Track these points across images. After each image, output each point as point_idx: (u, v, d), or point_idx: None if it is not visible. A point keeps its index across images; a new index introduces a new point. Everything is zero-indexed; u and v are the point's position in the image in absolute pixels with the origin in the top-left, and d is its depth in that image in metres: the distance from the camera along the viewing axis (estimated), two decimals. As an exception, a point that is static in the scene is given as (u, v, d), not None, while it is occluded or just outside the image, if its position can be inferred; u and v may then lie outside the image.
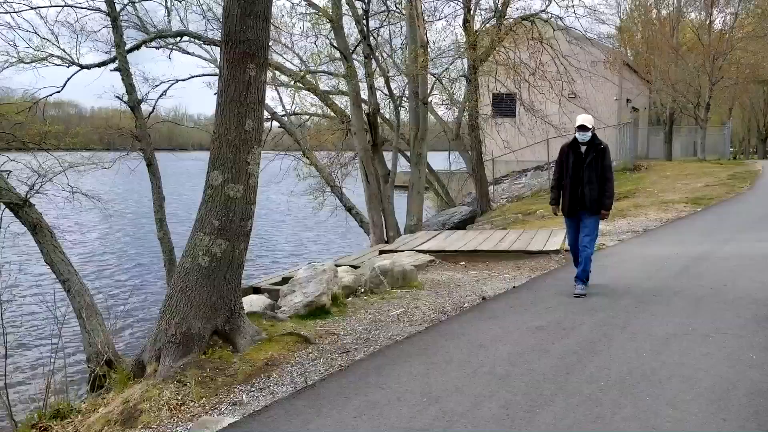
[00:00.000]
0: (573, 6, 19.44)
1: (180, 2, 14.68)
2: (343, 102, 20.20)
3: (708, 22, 31.56)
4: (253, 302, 7.23)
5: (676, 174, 23.21)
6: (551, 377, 4.61)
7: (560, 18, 19.58)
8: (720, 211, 14.89)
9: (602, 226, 13.10)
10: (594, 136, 7.05)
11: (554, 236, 11.13)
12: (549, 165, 25.69)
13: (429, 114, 18.64)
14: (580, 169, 7.00)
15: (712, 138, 33.71)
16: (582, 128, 7.00)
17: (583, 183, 6.98)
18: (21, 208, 8.82)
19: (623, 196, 17.74)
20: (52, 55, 12.92)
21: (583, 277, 7.18)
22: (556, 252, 9.93)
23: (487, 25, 19.21)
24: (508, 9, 19.28)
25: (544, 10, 19.28)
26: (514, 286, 7.93)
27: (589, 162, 6.96)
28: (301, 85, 18.94)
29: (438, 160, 26.19)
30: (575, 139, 7.09)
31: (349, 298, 7.72)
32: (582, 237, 7.12)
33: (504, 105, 23.91)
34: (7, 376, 5.97)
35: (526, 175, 27.01)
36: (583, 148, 7.05)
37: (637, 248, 10.36)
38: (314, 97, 19.99)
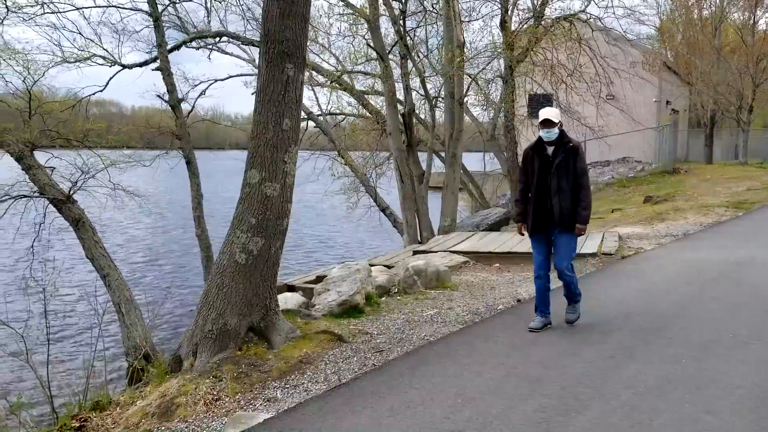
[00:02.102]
0: (612, 6, 19.15)
1: (220, 3, 14.87)
2: (378, 102, 20.23)
3: (752, 22, 30.79)
4: (287, 300, 7.29)
5: (716, 177, 22.70)
6: (587, 381, 4.55)
7: (599, 18, 19.28)
8: (762, 215, 14.52)
9: (641, 229, 12.98)
10: (563, 133, 5.77)
11: (590, 239, 10.98)
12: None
13: (464, 114, 18.55)
14: (547, 175, 5.72)
15: (754, 141, 32.86)
16: (546, 124, 5.69)
17: (552, 192, 5.70)
18: (64, 204, 9.07)
19: (662, 199, 17.44)
20: (95, 55, 13.23)
21: (573, 300, 6.10)
22: (593, 255, 9.79)
23: (525, 26, 19.02)
24: (547, 9, 19.07)
25: (583, 11, 19.00)
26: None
27: (558, 165, 5.68)
28: (337, 85, 19.02)
29: (473, 161, 26.05)
30: (539, 139, 5.81)
31: (383, 298, 7.73)
32: (557, 261, 5.86)
33: (540, 106, 23.65)
34: (49, 367, 6.12)
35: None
36: (549, 150, 5.77)
37: (676, 252, 10.17)
38: (350, 97, 20.07)
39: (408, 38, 17.72)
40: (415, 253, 11.08)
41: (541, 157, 5.77)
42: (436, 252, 10.63)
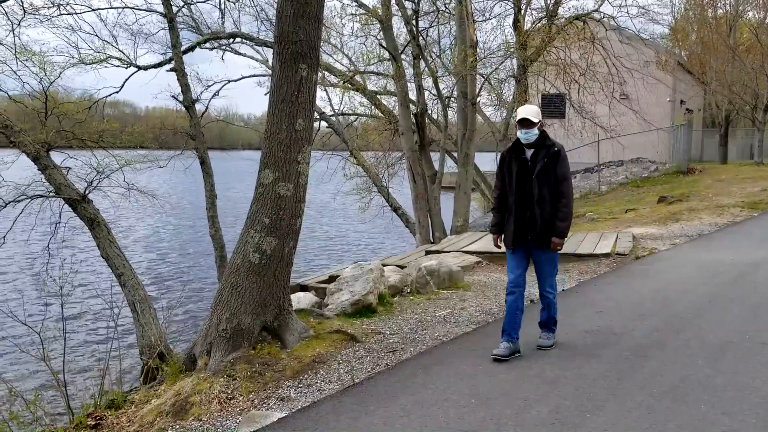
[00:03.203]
0: (626, 6, 19.09)
1: (234, 4, 14.93)
2: (391, 102, 20.24)
3: (767, 21, 30.50)
4: (300, 300, 7.32)
5: (731, 177, 22.50)
6: (602, 382, 4.53)
7: (613, 18, 19.20)
8: (779, 216, 14.37)
9: (655, 230, 12.89)
10: (544, 134, 5.15)
11: (604, 239, 10.93)
12: (598, 167, 25.27)
13: (477, 114, 18.52)
14: (526, 181, 5.08)
15: (770, 141, 32.55)
16: (524, 124, 5.04)
17: (533, 201, 5.06)
18: (79, 203, 9.14)
19: (676, 199, 17.31)
20: (111, 57, 13.34)
21: (549, 324, 5.46)
22: (607, 256, 9.74)
23: (538, 25, 18.96)
24: (560, 9, 19.00)
25: (596, 10, 18.93)
26: (563, 289, 7.80)
27: (540, 171, 5.03)
28: (349, 86, 19.04)
29: (485, 161, 25.99)
30: (517, 141, 5.19)
31: (396, 298, 7.73)
32: (539, 280, 5.38)
33: (553, 106, 23.59)
34: (65, 365, 6.17)
35: (574, 177, 26.58)
36: (528, 153, 5.12)
37: (690, 253, 10.09)
38: (362, 97, 20.08)
39: (420, 38, 17.71)
40: (428, 253, 11.07)
41: (519, 161, 5.13)
42: (449, 252, 10.62)
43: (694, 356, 5.06)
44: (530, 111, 5.10)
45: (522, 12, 19.06)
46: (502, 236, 5.34)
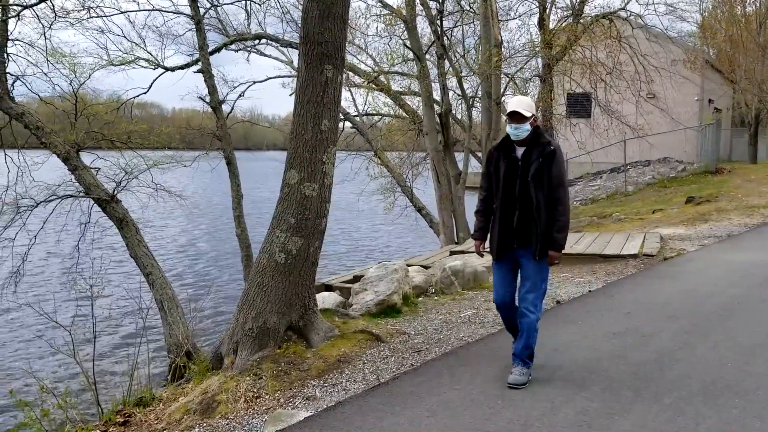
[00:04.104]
0: (653, 3, 18.81)
1: (259, 6, 15.05)
2: (415, 102, 20.22)
3: (799, 18, 29.91)
4: (325, 299, 7.35)
5: (761, 177, 22.09)
6: (630, 384, 4.48)
7: (640, 16, 18.99)
8: (811, 217, 14.08)
9: (683, 230, 12.71)
10: (538, 131, 4.51)
11: (631, 240, 10.81)
12: (625, 167, 24.98)
13: (502, 114, 18.42)
14: (515, 184, 4.46)
15: (801, 140, 31.96)
16: (515, 117, 4.41)
17: (522, 206, 4.45)
18: (108, 203, 9.28)
19: (705, 199, 17.04)
20: (139, 58, 13.55)
21: (523, 355, 4.60)
22: (634, 256, 9.63)
23: (564, 24, 18.81)
24: (586, 7, 18.84)
25: (623, 8, 18.74)
26: (589, 291, 7.74)
27: (534, 173, 4.40)
28: (374, 86, 19.07)
29: (509, 161, 25.78)
30: (507, 137, 4.56)
31: (420, 298, 7.73)
32: (522, 294, 4.58)
33: (579, 105, 23.38)
34: (95, 363, 6.26)
35: (601, 177, 26.34)
36: (519, 152, 4.50)
37: (720, 254, 9.93)
38: (386, 97, 20.10)
39: (445, 38, 17.68)
40: (452, 253, 11.04)
41: (509, 161, 4.51)
42: (474, 252, 10.57)
43: (724, 359, 4.99)
44: (522, 103, 4.47)
45: (547, 11, 18.94)
46: (485, 243, 4.76)
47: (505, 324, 4.91)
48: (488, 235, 4.73)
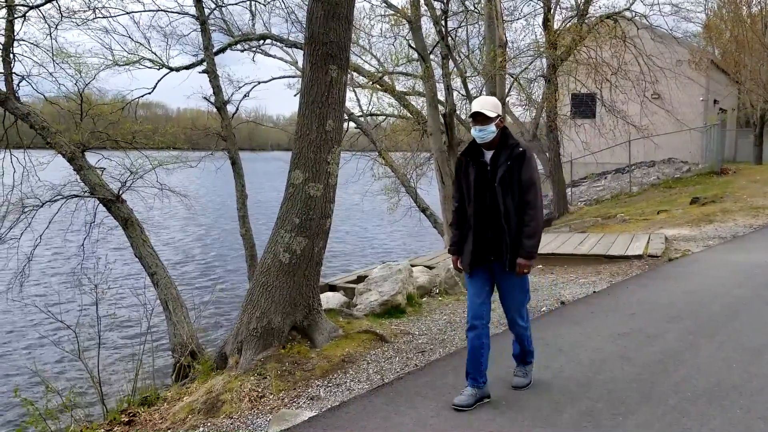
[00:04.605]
0: (658, 3, 18.81)
1: (264, 6, 15.08)
2: (419, 103, 20.21)
3: (805, 18, 29.79)
4: (329, 299, 7.36)
5: (766, 178, 22.03)
6: (635, 385, 4.47)
7: (645, 16, 18.98)
8: (817, 218, 14.03)
9: (687, 231, 12.68)
10: (506, 133, 4.20)
11: (636, 241, 10.79)
12: (629, 168, 24.94)
13: (506, 114, 18.42)
14: (486, 190, 4.13)
15: (807, 141, 31.82)
16: (478, 118, 4.10)
17: (494, 215, 4.12)
18: (114, 203, 9.30)
19: (710, 200, 17.00)
20: (144, 58, 13.58)
21: (525, 357, 4.57)
22: (638, 257, 9.61)
23: (568, 24, 18.81)
24: (590, 7, 18.85)
25: (628, 8, 18.74)
26: (594, 291, 7.73)
27: (502, 178, 4.08)
28: (378, 87, 19.08)
29: (514, 162, 25.77)
30: (474, 141, 4.25)
31: (424, 299, 7.73)
32: (506, 309, 4.40)
33: (583, 105, 23.36)
34: (100, 362, 6.28)
35: (605, 178, 26.29)
36: (488, 155, 4.18)
37: (725, 255, 9.91)
38: (391, 98, 20.10)
39: (449, 38, 17.66)
40: (457, 253, 11.02)
41: (477, 166, 4.18)
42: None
43: (728, 360, 4.98)
44: (486, 103, 4.15)
45: (552, 11, 18.96)
46: (461, 258, 4.35)
47: (470, 352, 4.24)
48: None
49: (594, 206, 21.74)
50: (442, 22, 16.84)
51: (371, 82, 18.94)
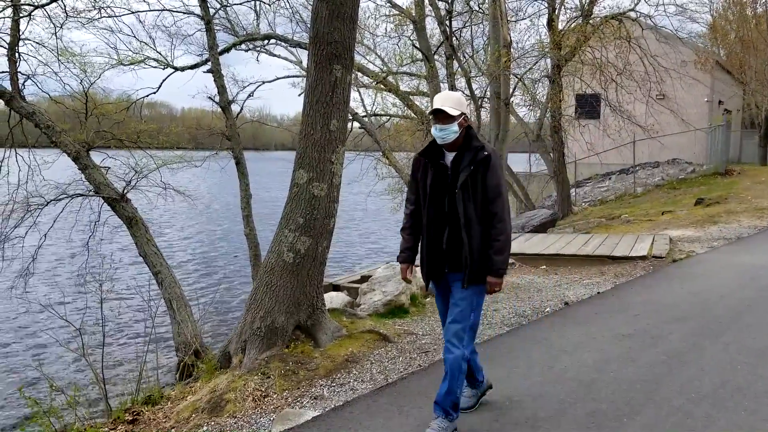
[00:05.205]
0: (663, 4, 18.77)
1: (269, 6, 15.11)
2: (423, 103, 20.25)
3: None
4: (333, 299, 7.35)
5: (772, 179, 21.96)
6: (639, 387, 4.46)
7: (649, 16, 18.96)
8: (822, 219, 13.98)
9: (692, 232, 12.63)
10: (470, 134, 3.75)
11: (641, 242, 10.76)
12: (634, 168, 24.89)
13: (510, 115, 18.42)
14: (443, 195, 3.72)
15: (812, 142, 31.70)
16: (439, 116, 3.68)
17: (452, 223, 3.70)
18: (118, 202, 9.32)
19: (714, 201, 16.95)
20: (148, 58, 13.63)
21: (445, 404, 3.72)
22: (643, 258, 9.59)
23: (573, 25, 18.79)
24: (595, 8, 18.82)
25: (632, 9, 18.72)
26: (598, 292, 7.71)
27: (464, 183, 3.64)
28: (382, 87, 19.10)
29: (518, 162, 25.82)
30: (434, 141, 3.81)
31: (428, 299, 7.71)
32: (447, 324, 3.79)
33: (588, 106, 23.34)
34: (104, 361, 6.30)
35: (609, 179, 26.23)
36: (449, 157, 3.76)
37: (729, 256, 9.88)
38: (395, 98, 20.13)
39: (454, 38, 17.68)
40: (460, 254, 11.00)
41: (436, 169, 3.76)
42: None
43: (733, 361, 4.96)
44: (447, 99, 3.72)
45: (556, 11, 18.93)
46: (413, 267, 4.02)
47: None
48: (417, 258, 3.97)
49: (598, 207, 21.70)
50: (447, 22, 16.88)
51: (375, 82, 18.96)
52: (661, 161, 26.24)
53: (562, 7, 19.66)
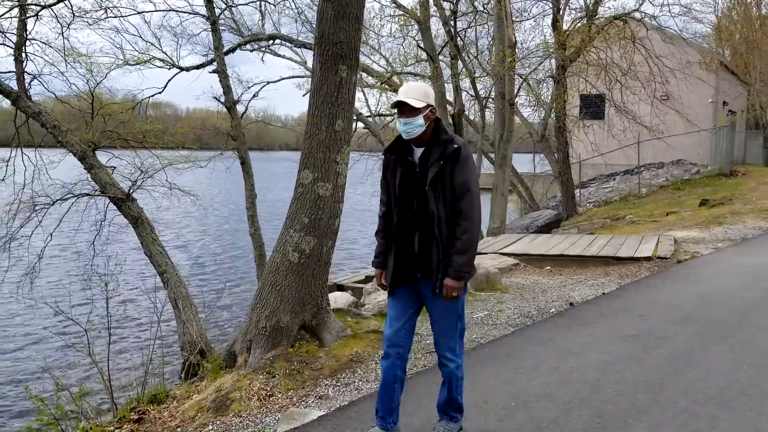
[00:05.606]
0: (668, 4, 18.74)
1: (274, 6, 15.14)
2: (427, 103, 20.22)
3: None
4: (337, 299, 7.36)
5: (776, 180, 21.91)
6: (645, 387, 4.46)
7: (654, 17, 18.92)
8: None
9: (696, 233, 12.63)
10: (438, 127, 3.48)
11: (645, 242, 10.75)
12: (638, 169, 24.86)
13: (515, 115, 18.41)
14: (413, 193, 3.47)
15: (817, 143, 31.62)
16: (403, 109, 3.41)
17: (424, 224, 3.45)
18: (124, 202, 9.35)
19: (719, 202, 16.93)
20: (154, 58, 13.67)
21: (449, 409, 3.73)
22: (648, 259, 9.58)
23: (578, 25, 18.78)
24: (600, 8, 18.80)
25: (637, 9, 18.69)
26: (603, 293, 7.71)
27: (433, 180, 3.38)
28: (387, 86, 19.11)
29: (523, 162, 25.81)
30: (400, 137, 3.54)
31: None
32: (435, 339, 3.69)
33: (593, 106, 23.32)
34: (110, 360, 6.31)
35: (614, 179, 26.20)
36: (417, 153, 3.50)
37: (734, 257, 9.86)
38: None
39: (458, 39, 17.69)
40: (464, 254, 11.00)
41: (404, 166, 3.50)
42: (486, 254, 10.56)
43: (738, 362, 4.95)
44: (411, 91, 3.44)
45: (561, 12, 18.92)
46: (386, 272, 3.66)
47: (381, 385, 3.64)
48: None
49: (603, 208, 21.68)
50: (451, 23, 16.90)
51: (380, 82, 18.97)
52: (666, 162, 26.21)
53: (567, 7, 19.66)
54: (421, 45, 17.21)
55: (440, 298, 3.44)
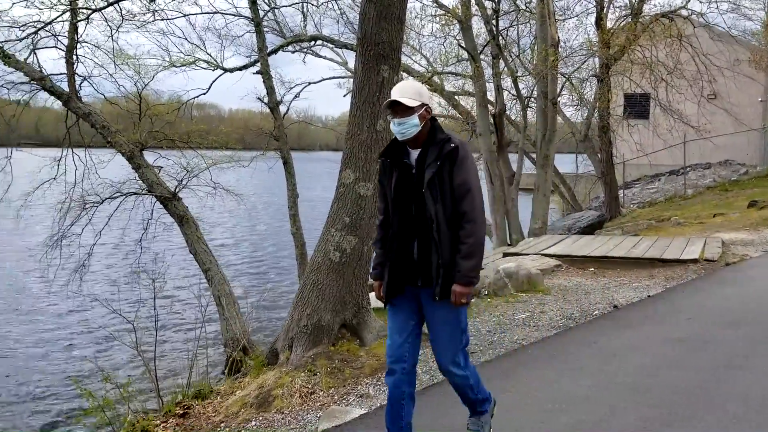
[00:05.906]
0: (716, 1, 18.29)
1: (316, 8, 15.26)
2: (468, 103, 20.15)
3: None
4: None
5: (830, 181, 21.15)
6: (691, 392, 4.37)
7: (701, 14, 18.48)
8: None
9: (745, 235, 12.27)
10: (434, 126, 3.32)
11: (692, 244, 10.51)
12: (684, 169, 24.29)
13: (557, 115, 18.18)
14: (410, 198, 3.29)
15: None
16: (397, 109, 3.22)
17: (422, 229, 3.28)
18: (170, 201, 9.55)
19: (766, 205, 16.42)
20: (199, 59, 13.89)
21: (475, 407, 3.62)
22: (695, 261, 9.35)
23: (622, 23, 18.45)
24: (645, 6, 18.44)
25: (684, 6, 18.28)
26: (648, 296, 7.57)
27: (430, 181, 3.21)
28: (427, 87, 19.09)
29: (565, 163, 25.47)
30: (395, 139, 3.35)
31: (473, 300, 7.69)
32: (438, 353, 3.46)
33: (637, 106, 22.87)
34: (156, 356, 6.46)
35: (659, 180, 25.65)
36: (414, 155, 3.33)
37: (786, 260, 9.57)
38: (440, 98, 20.09)
39: (500, 38, 17.56)
40: (506, 255, 10.94)
41: (401, 168, 3.33)
42: (528, 255, 10.47)
43: (791, 368, 4.81)
44: (405, 90, 3.27)
45: (605, 10, 18.61)
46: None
47: (388, 402, 3.47)
48: None
49: (647, 209, 21.24)
50: (493, 22, 16.78)
51: (422, 82, 18.95)
52: (713, 162, 25.54)
53: (611, 5, 19.33)
54: (463, 44, 17.12)
55: (441, 306, 3.29)
